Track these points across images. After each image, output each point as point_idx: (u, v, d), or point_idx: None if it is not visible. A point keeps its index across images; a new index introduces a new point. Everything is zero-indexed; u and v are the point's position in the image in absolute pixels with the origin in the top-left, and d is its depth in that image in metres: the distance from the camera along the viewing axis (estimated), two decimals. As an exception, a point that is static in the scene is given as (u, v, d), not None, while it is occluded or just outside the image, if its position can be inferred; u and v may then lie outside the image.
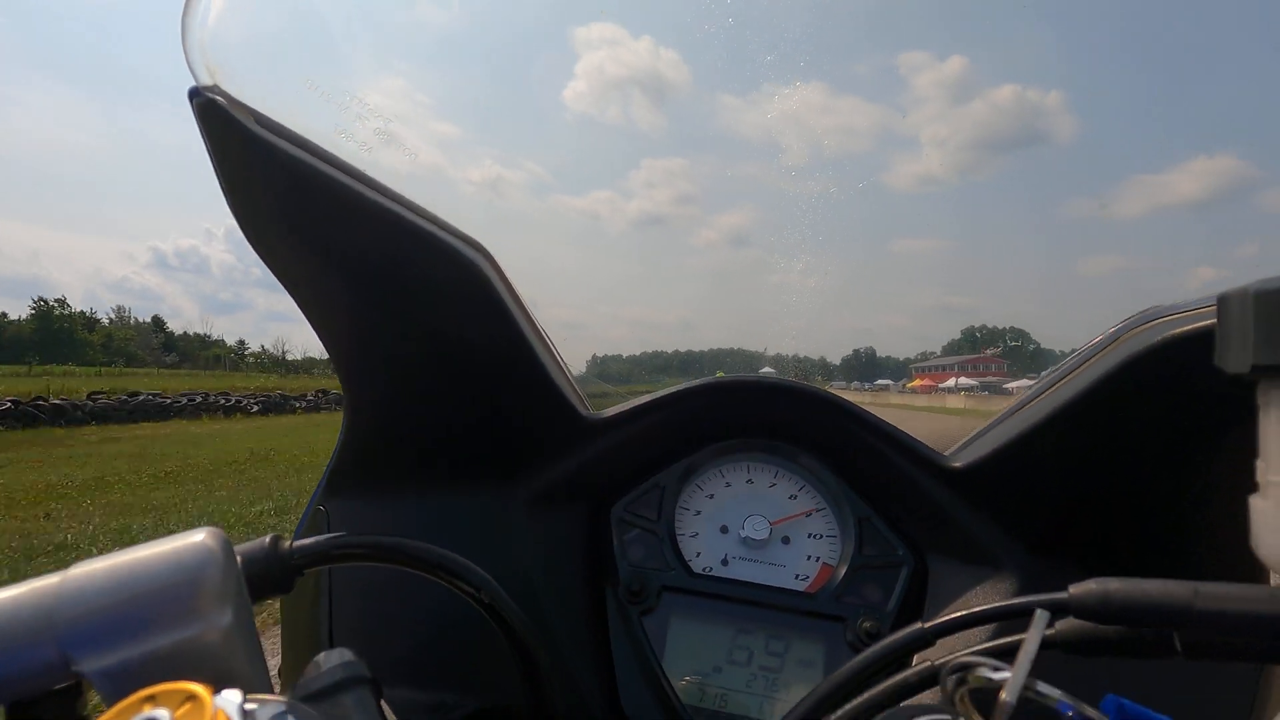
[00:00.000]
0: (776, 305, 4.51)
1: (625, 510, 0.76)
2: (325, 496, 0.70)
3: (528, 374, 0.67)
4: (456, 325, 0.64)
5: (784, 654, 0.68)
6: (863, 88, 26.62)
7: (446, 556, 0.45)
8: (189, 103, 0.48)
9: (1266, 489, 0.26)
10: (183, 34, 0.45)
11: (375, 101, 0.57)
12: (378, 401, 0.68)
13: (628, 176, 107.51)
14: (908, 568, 0.71)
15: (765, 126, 23.51)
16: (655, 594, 0.71)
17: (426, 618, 0.67)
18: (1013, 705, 0.24)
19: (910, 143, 73.05)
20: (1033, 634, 0.26)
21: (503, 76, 18.88)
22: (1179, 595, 0.28)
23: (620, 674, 0.69)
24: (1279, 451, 0.26)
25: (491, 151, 21.61)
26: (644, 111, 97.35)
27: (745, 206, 45.54)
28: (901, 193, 59.75)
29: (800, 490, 0.77)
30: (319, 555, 0.41)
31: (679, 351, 4.92)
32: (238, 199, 0.53)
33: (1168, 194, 22.28)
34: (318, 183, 0.52)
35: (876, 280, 22.64)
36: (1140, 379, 0.54)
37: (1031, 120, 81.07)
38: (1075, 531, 0.66)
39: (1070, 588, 0.32)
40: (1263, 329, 0.24)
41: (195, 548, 0.30)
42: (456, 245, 0.58)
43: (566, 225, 29.72)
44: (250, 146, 0.49)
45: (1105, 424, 0.59)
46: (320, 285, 0.61)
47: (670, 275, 36.01)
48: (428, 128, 15.94)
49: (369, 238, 0.56)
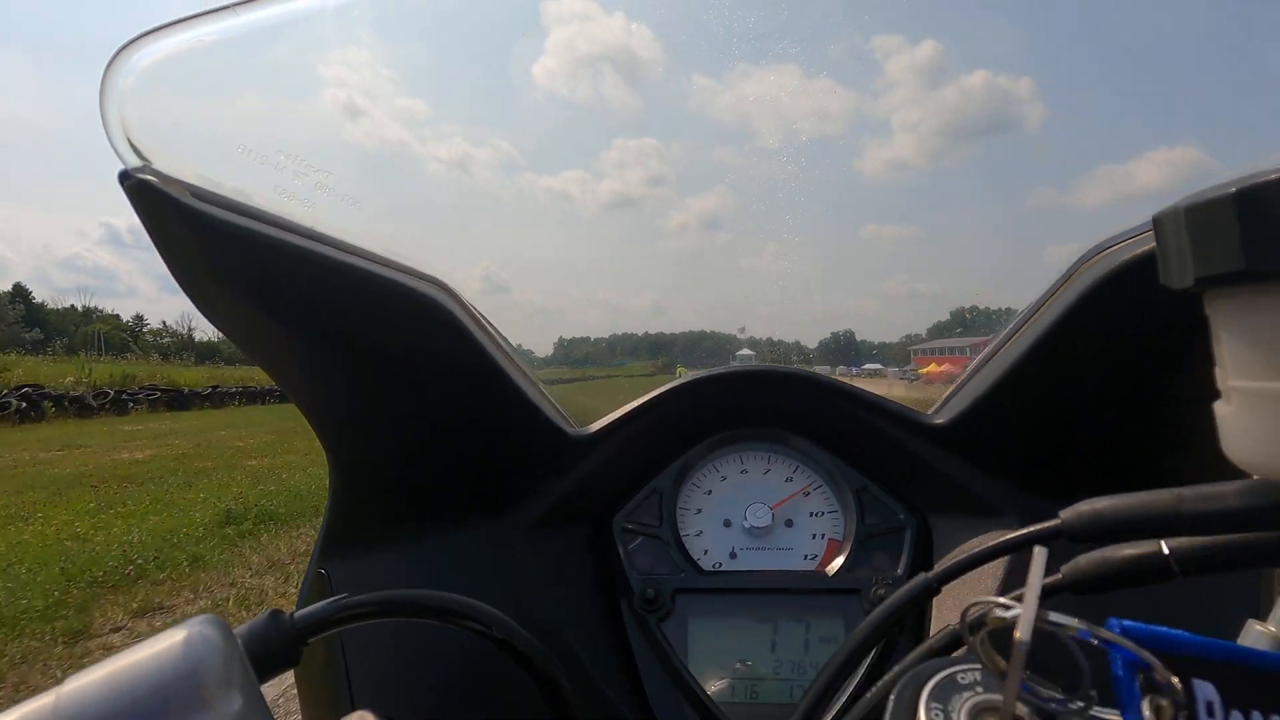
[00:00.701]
0: (748, 289, 4.54)
1: (627, 520, 0.76)
2: (323, 559, 0.68)
3: (506, 402, 0.67)
4: (428, 366, 0.63)
5: (806, 634, 0.69)
6: (836, 70, 26.85)
7: (452, 600, 0.44)
8: (120, 186, 0.47)
9: (1228, 394, 0.27)
10: (103, 117, 0.44)
11: (336, 73, 0.56)
12: (360, 456, 0.67)
13: (599, 157, 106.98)
14: (911, 530, 0.72)
15: (738, 108, 23.40)
16: (669, 599, 0.71)
17: (445, 663, 0.66)
18: (1027, 643, 0.24)
19: (882, 127, 72.90)
20: (1036, 565, 0.27)
21: (471, 50, 18.38)
22: (1164, 502, 0.30)
23: (648, 684, 0.69)
24: (1233, 357, 0.27)
25: (460, 129, 21.12)
26: (616, 90, 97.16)
27: (717, 189, 45.59)
28: (873, 178, 59.32)
29: (795, 471, 0.78)
30: (323, 622, 0.40)
31: (649, 334, 4.89)
32: (186, 276, 0.52)
33: (1129, 184, 22.88)
34: (264, 246, 0.51)
35: (847, 266, 22.71)
36: (1097, 309, 0.56)
37: (1002, 106, 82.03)
38: (1064, 467, 0.67)
39: (1061, 513, 0.33)
40: (1198, 242, 0.25)
41: (191, 640, 0.30)
42: (414, 285, 0.58)
43: (538, 206, 27.97)
44: (190, 221, 0.48)
45: (1072, 358, 0.61)
46: (284, 349, 0.60)
47: (642, 258, 34.00)
48: (394, 103, 15.56)
49: (325, 294, 0.55)
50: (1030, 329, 0.62)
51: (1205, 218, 0.25)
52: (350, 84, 0.56)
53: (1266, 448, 0.26)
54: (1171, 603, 0.56)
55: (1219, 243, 0.24)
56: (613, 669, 0.70)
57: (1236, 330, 0.26)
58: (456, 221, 0.65)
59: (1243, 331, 0.26)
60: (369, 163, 0.56)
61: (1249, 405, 0.26)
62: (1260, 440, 0.26)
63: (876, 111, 43.23)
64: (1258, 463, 0.26)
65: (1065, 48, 3.22)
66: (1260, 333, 0.25)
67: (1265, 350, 0.25)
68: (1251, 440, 0.26)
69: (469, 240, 0.73)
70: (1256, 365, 0.25)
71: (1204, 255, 0.25)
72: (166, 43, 0.49)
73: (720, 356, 4.49)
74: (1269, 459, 0.26)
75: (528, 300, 3.60)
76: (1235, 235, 0.24)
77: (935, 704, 0.28)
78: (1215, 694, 0.25)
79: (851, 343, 3.77)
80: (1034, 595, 0.25)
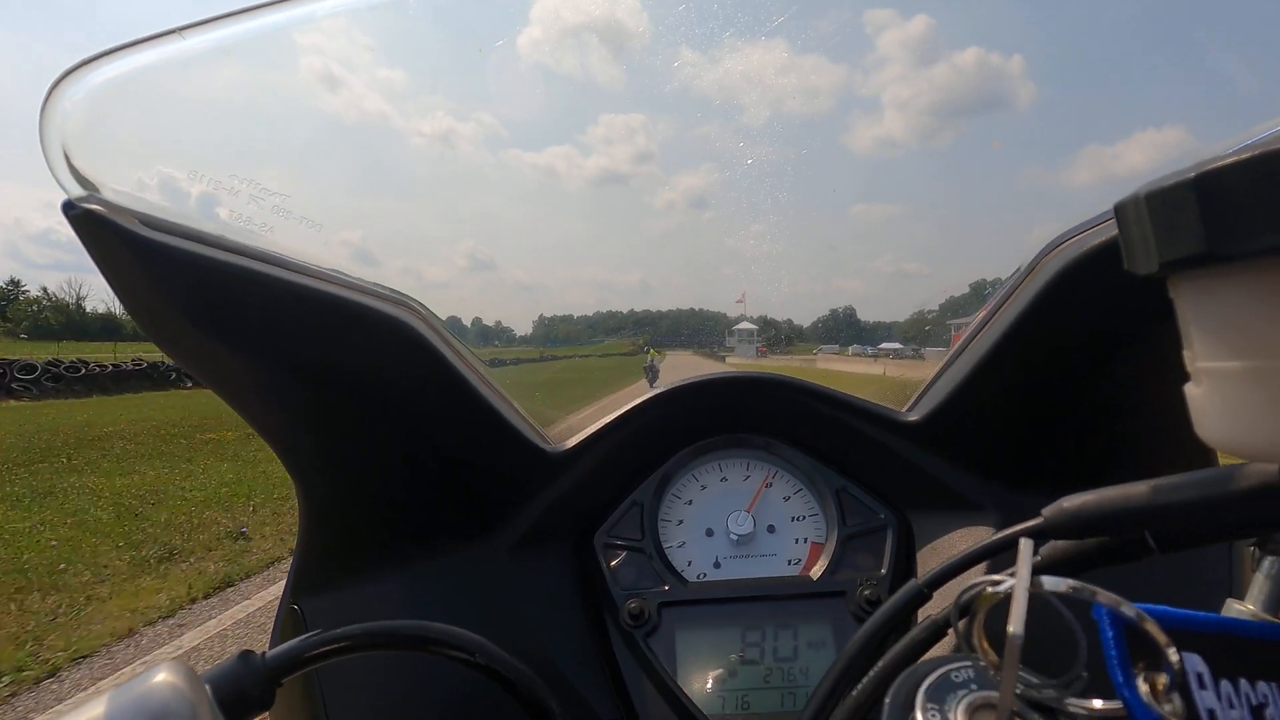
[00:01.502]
0: (736, 269, 4.57)
1: (609, 535, 0.75)
2: (295, 594, 0.66)
3: (480, 422, 0.66)
4: (398, 390, 0.62)
5: (794, 641, 0.68)
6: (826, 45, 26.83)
7: (430, 629, 0.43)
8: (64, 217, 0.45)
9: (1197, 376, 0.28)
10: (43, 146, 0.43)
11: (314, 41, 0.54)
12: (331, 487, 0.65)
13: (586, 132, 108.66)
14: (893, 529, 0.72)
15: (725, 84, 23.40)
16: (655, 613, 0.70)
17: (430, 695, 0.64)
18: (1021, 635, 0.24)
19: (872, 104, 76.15)
20: (1023, 564, 0.27)
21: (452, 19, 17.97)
22: (1139, 496, 0.30)
23: (636, 700, 0.67)
24: (1200, 339, 0.27)
25: (442, 101, 20.59)
26: (602, 62, 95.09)
27: (705, 167, 45.78)
28: (863, 156, 61.52)
29: (775, 476, 0.78)
30: (296, 660, 0.39)
31: (635, 311, 4.92)
32: (138, 308, 0.49)
33: (1116, 165, 23.44)
34: (221, 274, 0.49)
35: (837, 245, 22.88)
36: (1063, 298, 0.57)
37: (993, 85, 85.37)
38: (1040, 458, 0.68)
39: (1043, 511, 0.33)
40: (1160, 228, 0.26)
41: (156, 689, 0.28)
42: (380, 308, 0.57)
43: (524, 182, 28.08)
44: (140, 251, 0.46)
45: (1040, 349, 0.62)
46: (245, 379, 0.58)
47: (630, 236, 34.95)
48: (374, 74, 15.04)
49: (288, 321, 0.53)
50: (997, 322, 0.63)
51: (1166, 203, 0.25)
52: (330, 52, 0.54)
53: (1237, 426, 0.26)
54: (1150, 586, 0.57)
55: (1181, 227, 0.25)
56: (601, 687, 0.68)
57: (1202, 313, 0.27)
58: (441, 198, 0.64)
59: (1208, 314, 0.26)
60: (349, 139, 0.55)
61: (1218, 386, 0.26)
62: (1231, 419, 0.26)
63: (867, 88, 43.61)
64: (1230, 441, 0.27)
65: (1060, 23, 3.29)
66: (1225, 314, 0.25)
67: (1231, 331, 0.25)
68: (1222, 420, 0.27)
69: (454, 217, 0.71)
70: (1223, 346, 0.26)
71: (1167, 240, 0.25)
72: (111, 68, 0.48)
73: (712, 333, 4.42)
74: (1241, 437, 0.26)
75: (514, 278, 3.53)
76: (1196, 219, 0.24)
77: (931, 704, 0.28)
78: (1204, 665, 0.25)
79: (853, 320, 3.76)
80: (1023, 589, 0.25)
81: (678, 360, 8.02)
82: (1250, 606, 0.37)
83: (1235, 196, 0.23)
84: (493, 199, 7.06)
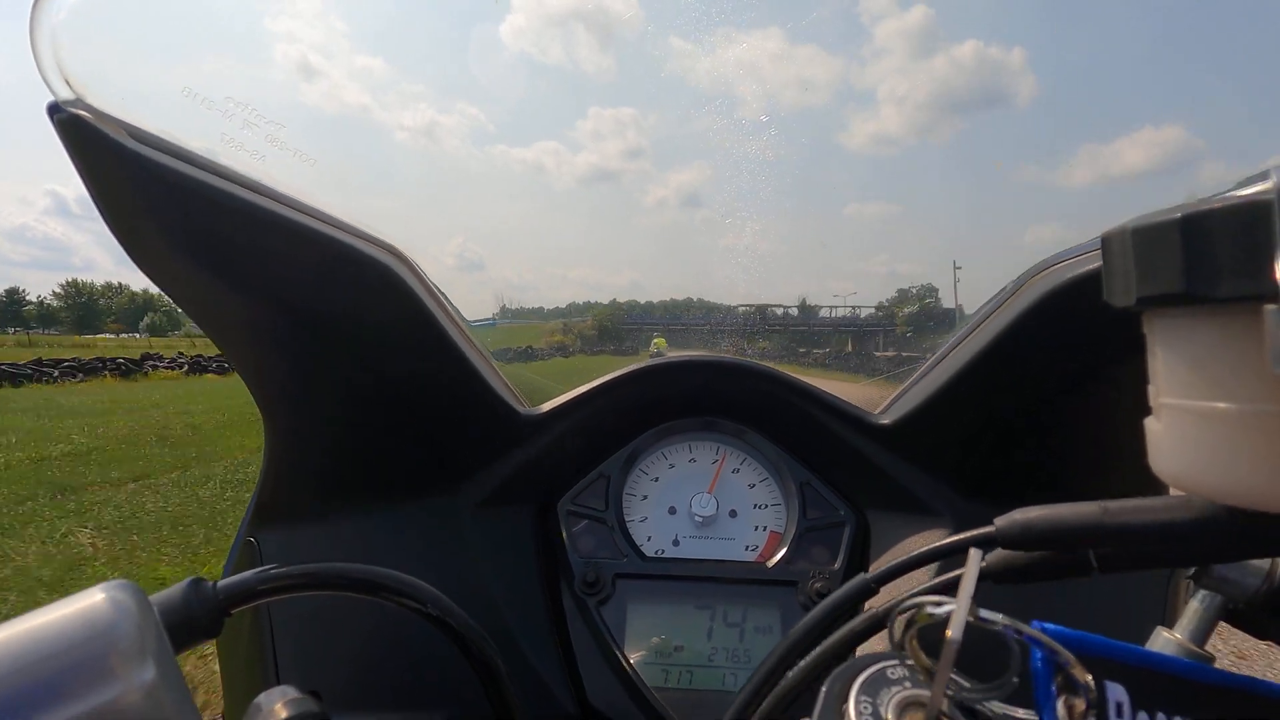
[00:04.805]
0: (728, 269, 4.58)
1: (573, 503, 0.76)
2: (253, 527, 0.66)
3: (457, 377, 0.66)
4: (376, 334, 0.61)
5: (742, 624, 0.70)
6: (822, 35, 26.36)
7: (387, 575, 0.43)
8: (49, 119, 0.43)
9: (1159, 411, 0.29)
10: (32, 43, 0.41)
11: (287, 27, 0.53)
12: (300, 423, 0.65)
13: (575, 126, 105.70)
14: (850, 526, 0.74)
15: (718, 76, 22.50)
16: (610, 582, 0.71)
17: (378, 639, 0.65)
18: (958, 641, 0.25)
19: (868, 97, 74.93)
20: (970, 569, 0.28)
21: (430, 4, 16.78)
22: (1089, 514, 0.31)
23: (583, 666, 0.69)
24: (1166, 375, 0.28)
25: (425, 93, 20.20)
26: (589, 51, 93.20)
27: (697, 164, 45.09)
28: (858, 153, 61.32)
29: (742, 463, 0.79)
30: (246, 593, 0.39)
31: (635, 302, 4.91)
32: (120, 223, 0.48)
33: (1115, 164, 23.67)
34: (207, 197, 0.48)
35: (829, 245, 23.06)
36: (1043, 322, 0.58)
37: (992, 79, 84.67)
38: (1001, 472, 0.70)
39: (995, 521, 0.34)
40: (1142, 263, 0.26)
41: (101, 605, 0.28)
42: (367, 250, 0.56)
43: (512, 179, 28.22)
44: (126, 164, 0.45)
45: (1016, 368, 0.63)
46: (223, 306, 0.57)
47: (621, 234, 35.26)
48: (350, 61, 14.24)
49: (270, 251, 0.52)
50: (977, 336, 0.64)
51: (1151, 240, 0.25)
52: (305, 40, 0.53)
53: (1192, 464, 0.27)
54: (1088, 608, 0.59)
55: (1161, 265, 0.25)
56: (550, 652, 0.69)
57: (1172, 350, 0.27)
58: (427, 196, 0.62)
59: (1177, 351, 0.27)
60: (329, 132, 0.53)
61: (1177, 422, 0.27)
62: (1187, 456, 0.27)
63: (863, 81, 43.44)
64: (1183, 477, 0.28)
65: (1060, 16, 3.22)
66: (1194, 354, 0.26)
67: (1196, 370, 0.26)
68: (1178, 456, 0.27)
69: (442, 216, 0.69)
70: (1187, 384, 0.27)
71: (1147, 276, 0.26)
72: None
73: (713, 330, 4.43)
74: (1192, 475, 0.27)
75: (503, 278, 3.49)
76: (1178, 259, 0.24)
77: (865, 697, 0.29)
78: (1125, 695, 0.27)
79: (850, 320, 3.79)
80: (966, 597, 0.26)
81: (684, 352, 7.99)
82: (1179, 636, 0.39)
83: (1217, 241, 0.23)
84: (480, 196, 6.89)
